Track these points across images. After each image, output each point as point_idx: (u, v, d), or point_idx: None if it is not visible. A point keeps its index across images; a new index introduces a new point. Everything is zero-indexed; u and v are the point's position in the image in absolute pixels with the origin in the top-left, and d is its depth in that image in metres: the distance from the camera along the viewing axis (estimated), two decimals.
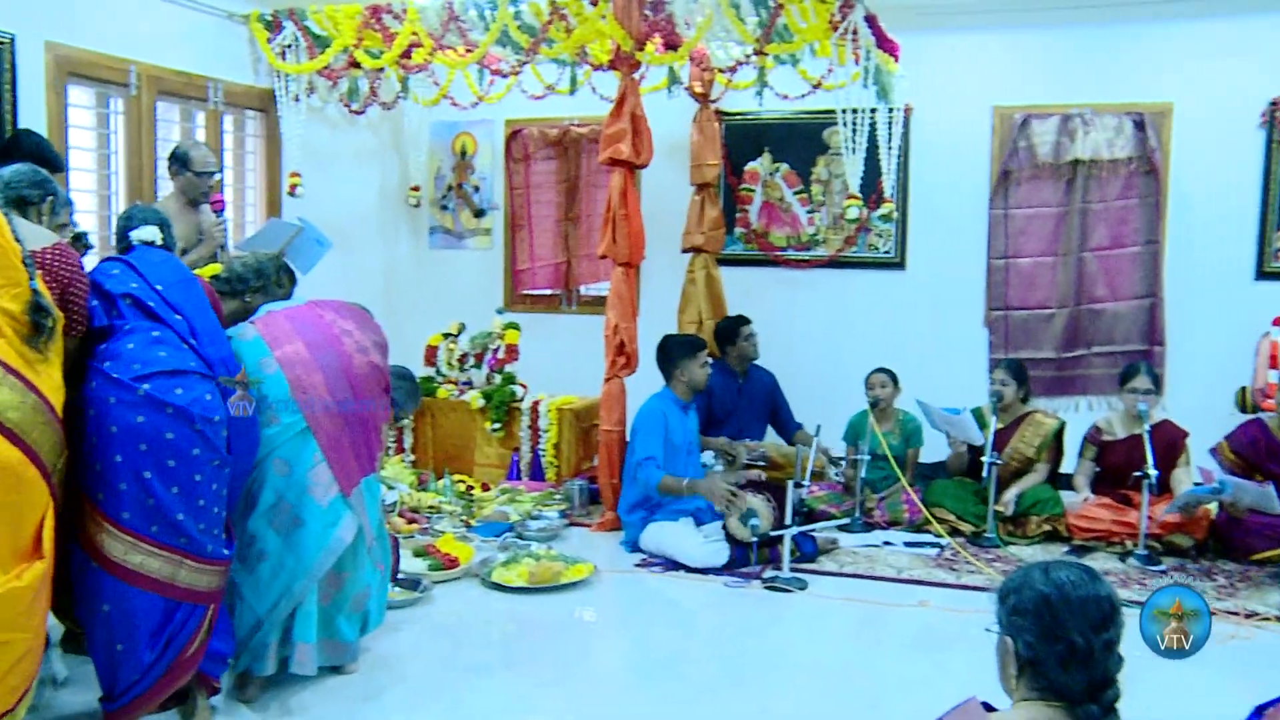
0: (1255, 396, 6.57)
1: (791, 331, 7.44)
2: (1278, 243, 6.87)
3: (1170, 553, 5.75)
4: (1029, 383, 6.48)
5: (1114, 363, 7.08)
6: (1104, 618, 2.02)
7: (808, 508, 6.00)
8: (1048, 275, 7.23)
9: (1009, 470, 6.22)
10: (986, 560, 5.59)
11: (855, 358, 7.06)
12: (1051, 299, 7.26)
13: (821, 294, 7.60)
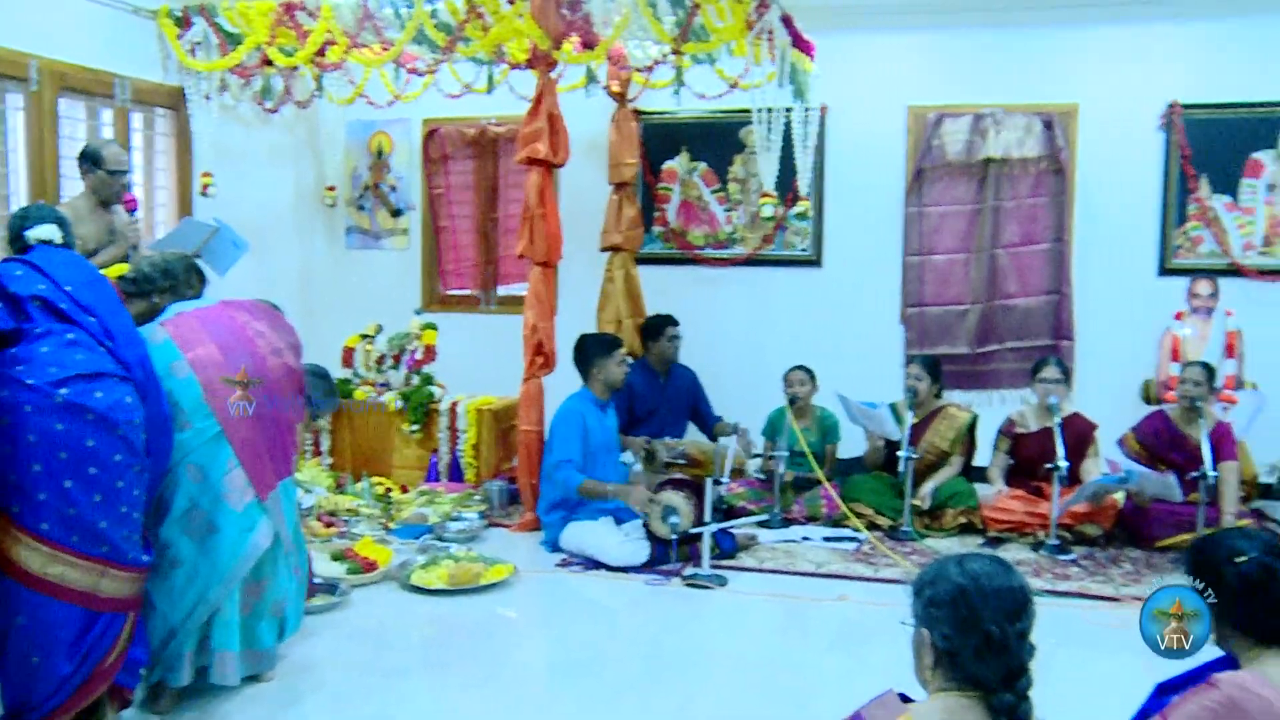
0: (1158, 389, 6.68)
1: (711, 329, 7.41)
2: (1178, 240, 7.01)
3: (1080, 542, 5.78)
4: (943, 377, 6.49)
5: (1025, 357, 7.13)
6: (1017, 608, 2.05)
7: (727, 505, 5.96)
8: (961, 272, 7.27)
9: (924, 464, 6.23)
10: (904, 553, 5.60)
11: (774, 355, 7.04)
12: (964, 295, 7.28)
13: (740, 292, 7.61)
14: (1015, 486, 6.14)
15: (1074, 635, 4.47)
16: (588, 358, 5.65)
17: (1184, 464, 5.77)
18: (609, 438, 5.70)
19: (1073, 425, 6.03)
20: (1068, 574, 5.32)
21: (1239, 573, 2.30)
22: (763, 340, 7.49)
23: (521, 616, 4.79)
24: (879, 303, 7.41)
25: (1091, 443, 6.09)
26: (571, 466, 5.36)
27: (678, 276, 7.58)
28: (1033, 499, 5.98)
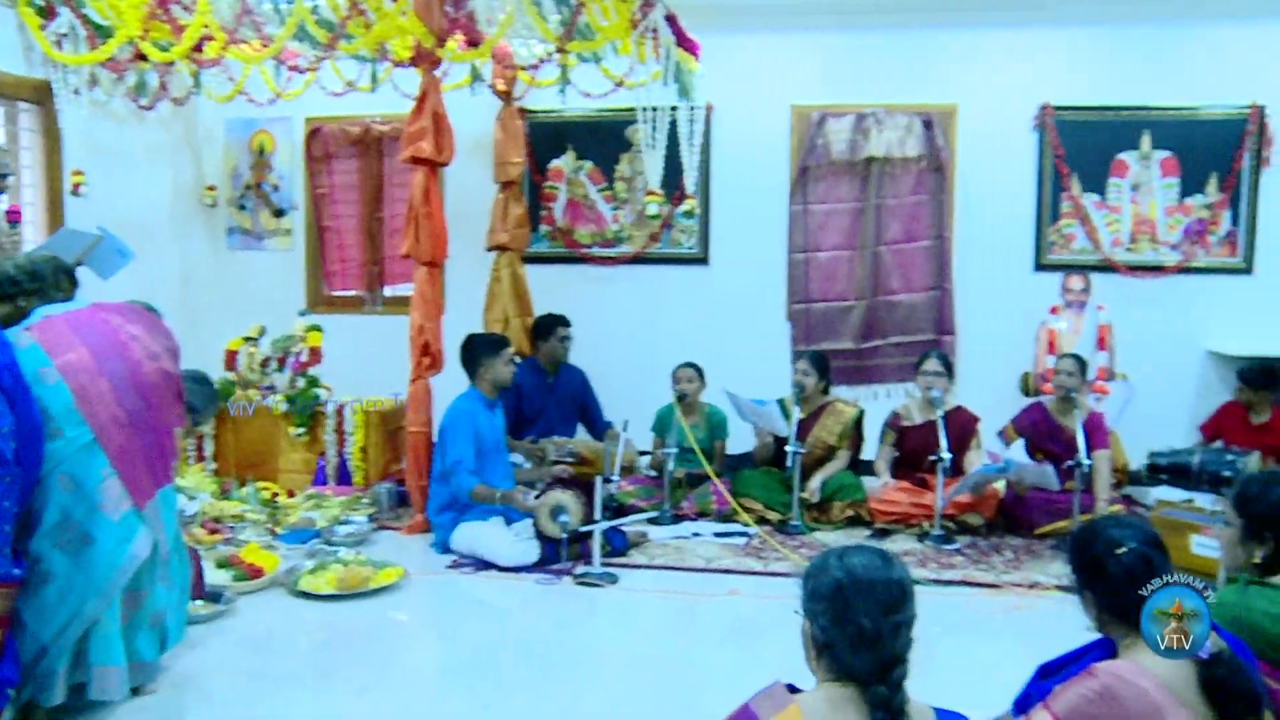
0: (1036, 381, 6.75)
1: (598, 328, 7.34)
2: (1052, 237, 7.14)
3: (963, 531, 5.86)
4: (830, 373, 6.48)
5: (908, 352, 7.16)
6: (893, 601, 2.06)
7: (617, 502, 5.94)
8: (845, 269, 7.30)
9: (812, 458, 6.24)
10: (793, 547, 5.60)
11: (662, 352, 7.02)
12: (849, 292, 7.31)
13: (627, 290, 7.58)
14: (901, 479, 6.17)
15: (958, 623, 4.52)
16: (475, 357, 5.57)
17: (1060, 453, 5.85)
18: (498, 436, 5.63)
19: (956, 418, 6.09)
20: (952, 563, 5.37)
21: (1120, 563, 2.33)
22: (650, 338, 7.47)
23: (412, 620, 4.73)
24: (765, 300, 7.40)
25: (974, 434, 6.16)
26: (464, 469, 5.29)
27: (565, 275, 7.53)
28: (918, 490, 6.03)
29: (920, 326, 7.27)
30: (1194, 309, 7.03)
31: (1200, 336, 7.02)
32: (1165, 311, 7.05)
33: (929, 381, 6.08)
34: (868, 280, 7.29)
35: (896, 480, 6.15)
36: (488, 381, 5.57)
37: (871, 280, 7.29)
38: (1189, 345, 7.03)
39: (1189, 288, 7.06)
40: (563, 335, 6.64)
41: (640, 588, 4.98)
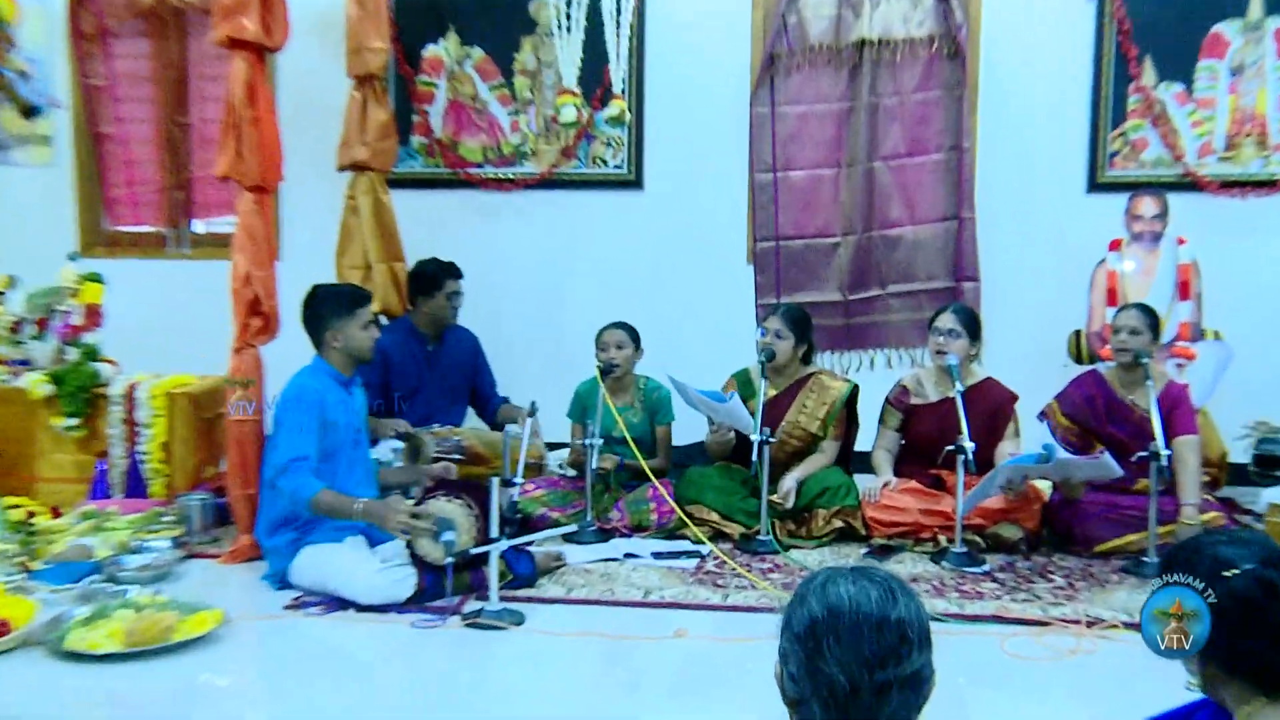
0: (1091, 342, 6.78)
1: (493, 275, 7.43)
2: (1115, 145, 7.20)
3: (995, 548, 5.89)
4: (811, 334, 6.48)
5: (917, 305, 7.20)
6: (883, 652, 2.05)
7: (522, 513, 5.97)
8: (828, 193, 7.32)
9: (788, 451, 6.29)
10: (761, 571, 5.62)
11: (580, 310, 7.17)
12: (834, 224, 7.32)
13: (533, 224, 7.68)
14: (908, 476, 6.22)
15: (991, 671, 4.55)
16: (322, 318, 5.54)
17: (1127, 440, 5.85)
18: (356, 424, 5.64)
19: (982, 394, 6.10)
20: (979, 591, 5.38)
21: (1230, 591, 2.29)
22: (565, 290, 7.59)
23: (235, 683, 4.66)
24: (720, 236, 7.45)
25: (1009, 417, 6.17)
26: (305, 469, 5.28)
27: (446, 204, 7.58)
28: (931, 493, 6.07)
29: (932, 271, 7.28)
30: None
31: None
32: (1275, 244, 7.02)
33: (944, 344, 6.09)
34: (859, 208, 7.31)
35: (902, 479, 6.20)
36: (340, 352, 5.55)
37: (865, 208, 7.31)
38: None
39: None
40: (451, 290, 6.67)
41: (555, 629, 4.99)
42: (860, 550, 5.96)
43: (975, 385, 6.11)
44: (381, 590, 5.19)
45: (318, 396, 5.42)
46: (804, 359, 6.47)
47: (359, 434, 5.67)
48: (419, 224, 7.33)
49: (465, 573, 5.27)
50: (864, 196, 7.34)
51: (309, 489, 5.24)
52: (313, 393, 5.42)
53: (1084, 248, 6.95)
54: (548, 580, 5.55)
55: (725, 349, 6.85)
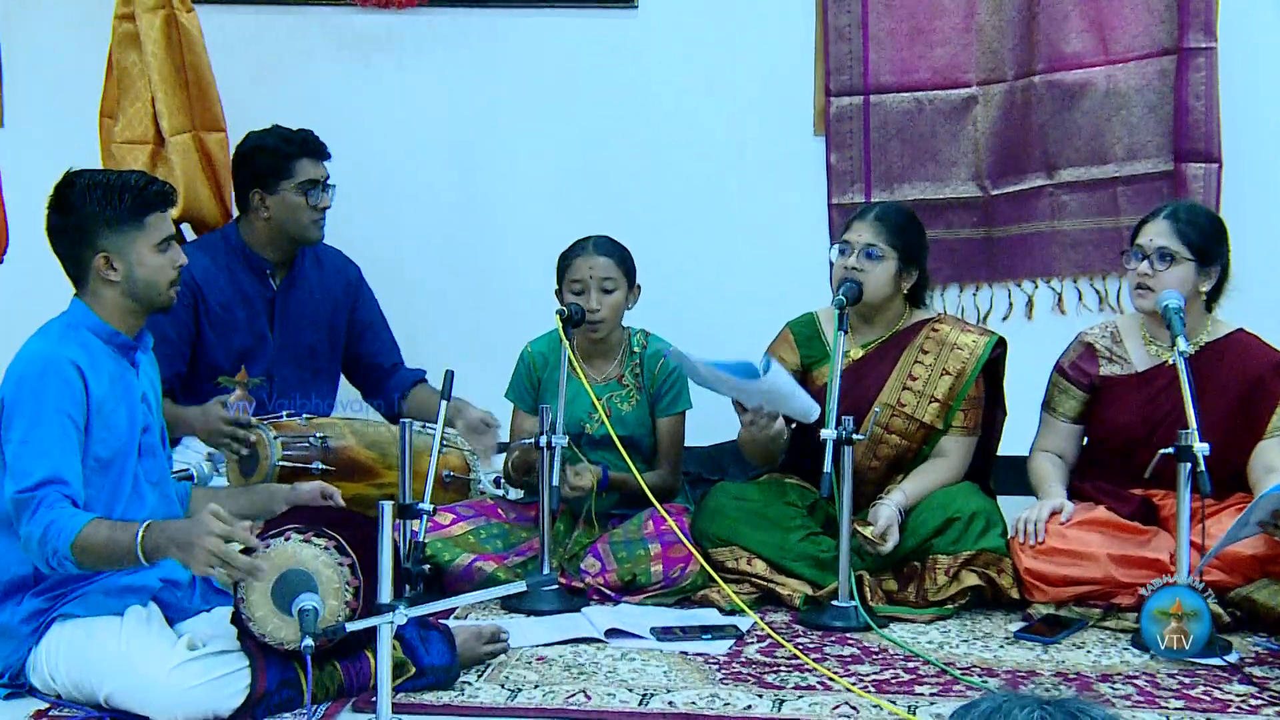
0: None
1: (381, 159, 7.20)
2: None
3: (1252, 623, 5.31)
4: (925, 256, 5.93)
5: (1111, 203, 6.92)
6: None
7: (433, 562, 5.57)
8: (958, 10, 7.03)
9: (884, 454, 5.81)
10: (840, 662, 5.05)
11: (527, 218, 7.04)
12: (967, 65, 7.00)
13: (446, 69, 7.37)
14: (1095, 500, 5.69)
15: None
16: (84, 234, 4.93)
17: None
18: (142, 416, 5.01)
19: (1227, 360, 5.66)
20: (1223, 699, 4.75)
21: None
22: (500, 184, 7.28)
23: None
24: (767, 88, 7.11)
25: (1276, 400, 5.63)
26: (58, 495, 4.66)
27: (295, 33, 7.30)
28: (1135, 529, 5.54)
29: (1139, 143, 6.90)
30: None
31: None
32: None
33: (1151, 275, 5.53)
34: (1012, 37, 6.98)
35: (1084, 504, 5.66)
36: (117, 292, 4.98)
37: (1021, 38, 6.97)
38: None
39: None
40: (308, 181, 6.16)
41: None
42: (1011, 624, 5.37)
43: (1213, 345, 5.58)
44: (191, 699, 4.65)
45: (73, 374, 4.82)
46: (913, 297, 5.86)
47: (149, 432, 5.06)
48: (249, 67, 7.05)
49: (334, 665, 4.75)
50: (1019, 15, 6.92)
51: (69, 527, 4.64)
52: (65, 368, 4.82)
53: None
54: (477, 677, 5.00)
55: (777, 284, 6.70)
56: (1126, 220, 6.41)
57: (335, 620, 4.44)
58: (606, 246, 6.03)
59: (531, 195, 7.28)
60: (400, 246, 7.17)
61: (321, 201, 6.16)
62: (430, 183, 7.37)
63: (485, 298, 7.11)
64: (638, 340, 6.09)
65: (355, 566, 4.58)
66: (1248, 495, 5.35)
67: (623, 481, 5.81)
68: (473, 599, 4.88)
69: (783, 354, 5.84)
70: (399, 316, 6.66)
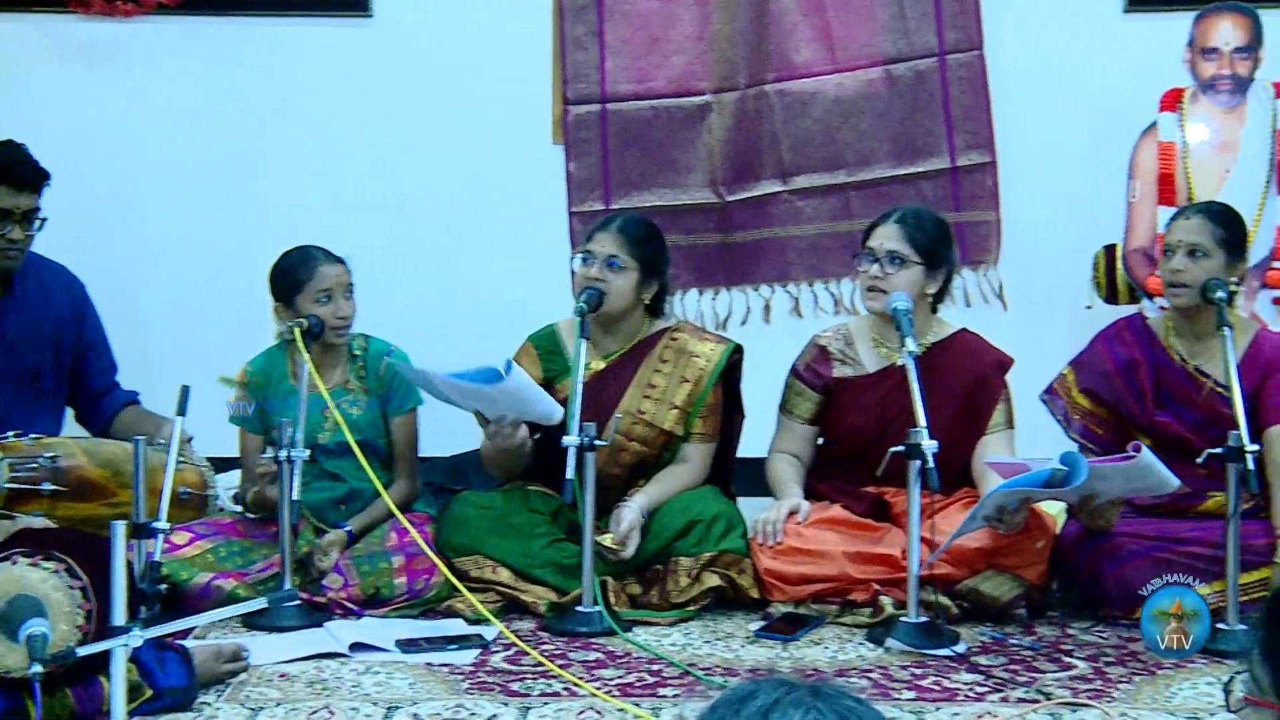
0: (1134, 265, 6.63)
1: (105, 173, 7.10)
2: None
3: (978, 614, 5.50)
4: (665, 264, 6.04)
5: (844, 208, 7.09)
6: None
7: (170, 581, 5.45)
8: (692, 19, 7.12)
9: (626, 461, 5.91)
10: (587, 668, 5.13)
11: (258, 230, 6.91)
12: (701, 73, 7.15)
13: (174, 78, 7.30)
14: (831, 499, 5.84)
15: None
16: None
17: (1189, 432, 5.58)
18: None
19: (954, 360, 5.85)
20: (951, 688, 4.93)
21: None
22: (240, 196, 7.30)
23: None
24: (506, 96, 7.20)
25: (997, 397, 5.83)
26: None
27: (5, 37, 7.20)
28: (869, 526, 5.71)
29: (869, 149, 7.13)
30: None
31: None
32: None
33: (881, 276, 5.65)
34: (744, 46, 7.14)
35: (820, 503, 5.82)
36: None
37: (753, 46, 7.12)
38: None
39: None
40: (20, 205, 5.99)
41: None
42: (752, 624, 5.47)
43: (939, 345, 5.75)
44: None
45: None
46: (652, 306, 5.93)
47: None
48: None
49: (64, 691, 4.64)
50: (751, 26, 7.07)
51: None
52: None
53: (1120, 104, 6.77)
54: (217, 697, 4.95)
55: (520, 293, 6.77)
56: (859, 224, 6.42)
57: (66, 645, 4.36)
58: (321, 254, 6.04)
59: (267, 207, 7.27)
60: (129, 262, 7.12)
61: (12, 233, 6.00)
62: (161, 196, 7.33)
63: (218, 314, 7.07)
64: (358, 344, 6.08)
65: (88, 589, 4.50)
66: (973, 490, 5.59)
67: (364, 488, 5.84)
68: (211, 618, 4.79)
69: (525, 367, 5.84)
70: (124, 334, 6.49)
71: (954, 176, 7.19)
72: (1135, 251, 6.59)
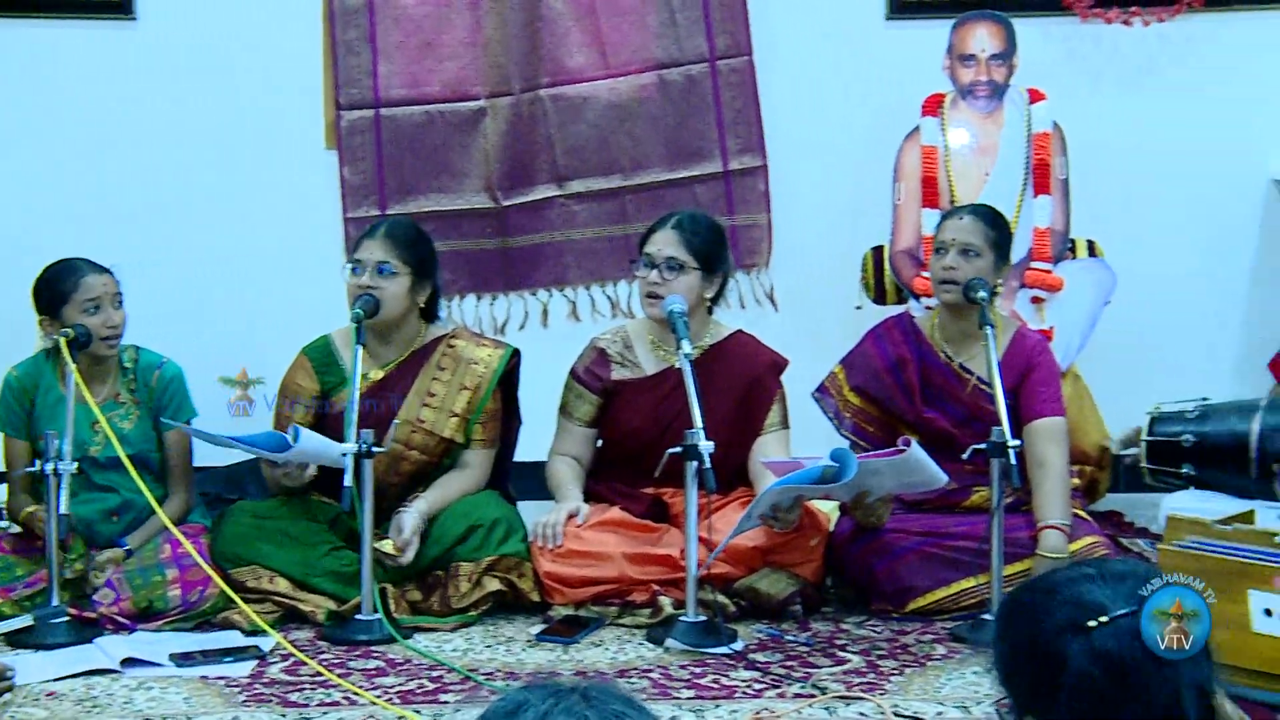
0: (900, 266, 6.66)
1: None
2: None
3: (755, 612, 5.56)
4: (437, 269, 6.04)
5: (620, 212, 7.08)
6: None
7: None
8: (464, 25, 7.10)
9: (405, 470, 5.90)
10: (367, 677, 5.13)
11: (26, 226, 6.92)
12: (475, 78, 7.12)
13: None
14: (610, 501, 5.89)
15: None
16: None
17: (955, 428, 5.69)
18: None
19: (729, 361, 5.90)
20: (729, 685, 4.99)
21: (1096, 655, 2.34)
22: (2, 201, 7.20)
23: None
24: (277, 103, 7.16)
25: (771, 398, 5.88)
26: None
27: None
28: (647, 527, 5.75)
29: (643, 154, 7.13)
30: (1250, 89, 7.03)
31: (1264, 151, 7.05)
32: (1187, 98, 7.01)
33: (659, 285, 5.71)
34: (516, 52, 7.15)
35: (600, 505, 5.86)
36: None
37: (526, 51, 7.13)
38: (1238, 172, 7.05)
39: (1237, 38, 7.02)
40: None
41: None
42: (533, 627, 5.52)
43: (716, 347, 5.79)
44: None
45: None
46: (426, 311, 5.93)
47: None
48: None
49: None
50: (523, 31, 7.09)
51: None
52: None
53: (885, 109, 6.86)
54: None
55: (296, 302, 6.71)
56: (635, 228, 6.55)
57: None
58: (84, 266, 5.93)
59: (31, 211, 7.17)
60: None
61: None
62: None
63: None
64: (128, 356, 5.94)
65: None
66: (751, 490, 5.64)
67: (134, 504, 5.73)
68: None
69: (301, 381, 5.90)
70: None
71: (726, 180, 7.23)
72: (901, 253, 6.61)
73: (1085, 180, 6.79)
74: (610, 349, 5.93)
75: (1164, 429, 6.21)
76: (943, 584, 5.55)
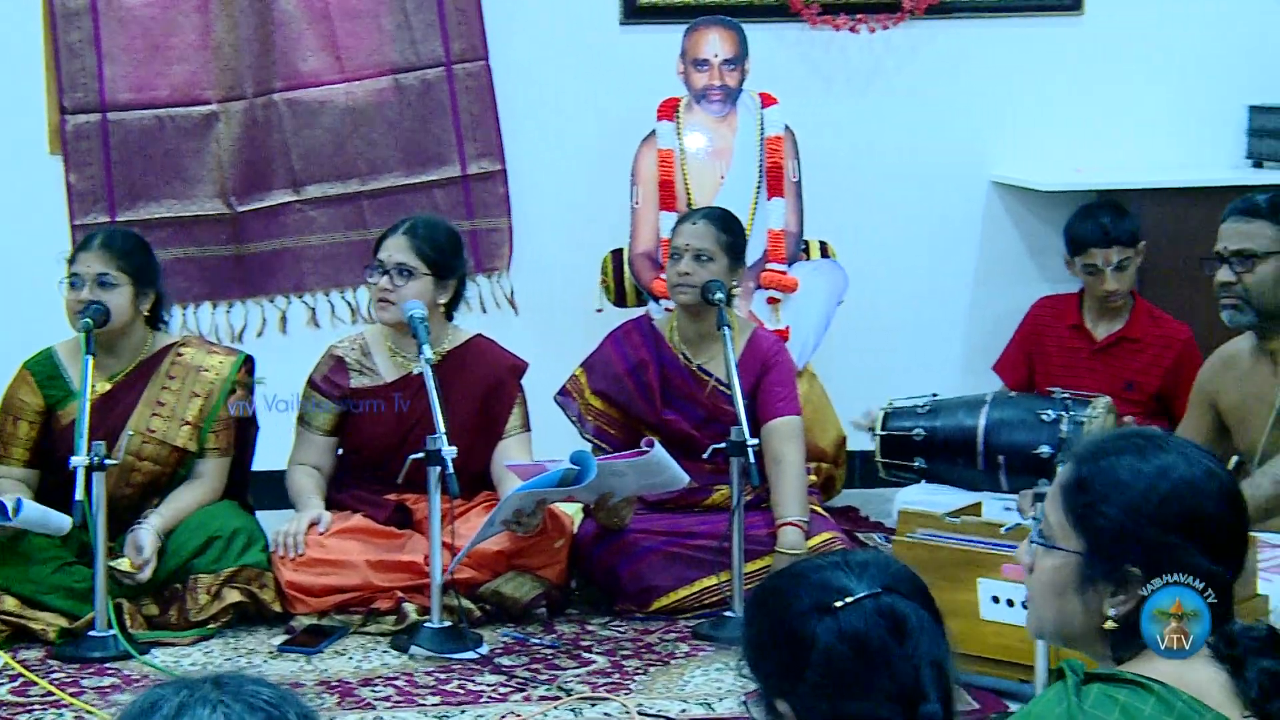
0: (639, 269, 6.70)
1: None
2: None
3: (500, 616, 5.60)
4: (159, 276, 5.94)
5: (357, 217, 7.06)
6: None
7: None
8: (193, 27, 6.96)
9: (137, 481, 5.80)
10: (101, 694, 5.07)
11: None
12: (205, 82, 7.01)
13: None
14: (352, 509, 5.87)
15: None
16: None
17: (695, 429, 5.78)
18: None
19: (467, 366, 5.92)
20: (475, 690, 5.06)
21: (842, 634, 2.36)
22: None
23: None
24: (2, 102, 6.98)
25: (512, 401, 5.94)
26: None
27: None
28: (390, 533, 5.77)
29: (380, 158, 7.11)
30: (970, 93, 7.18)
31: (984, 154, 7.19)
32: (912, 102, 7.15)
33: (391, 292, 5.73)
34: (248, 55, 7.05)
35: (341, 513, 5.82)
36: None
37: (258, 55, 7.04)
38: (961, 173, 7.19)
39: (957, 45, 7.18)
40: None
41: None
42: (275, 638, 5.47)
43: (455, 352, 5.81)
44: None
45: None
46: (151, 318, 5.84)
47: None
48: None
49: None
50: (255, 34, 6.99)
51: None
52: None
53: (623, 113, 6.90)
54: None
55: (20, 314, 6.59)
56: (373, 234, 6.38)
57: None
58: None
59: None
60: None
61: None
62: None
63: None
64: None
65: None
66: (494, 494, 5.70)
67: None
68: None
69: (24, 397, 5.80)
70: None
71: (465, 185, 7.26)
72: (640, 255, 6.66)
73: (817, 182, 6.84)
74: (348, 357, 5.93)
75: (896, 424, 6.30)
76: (685, 583, 5.59)
